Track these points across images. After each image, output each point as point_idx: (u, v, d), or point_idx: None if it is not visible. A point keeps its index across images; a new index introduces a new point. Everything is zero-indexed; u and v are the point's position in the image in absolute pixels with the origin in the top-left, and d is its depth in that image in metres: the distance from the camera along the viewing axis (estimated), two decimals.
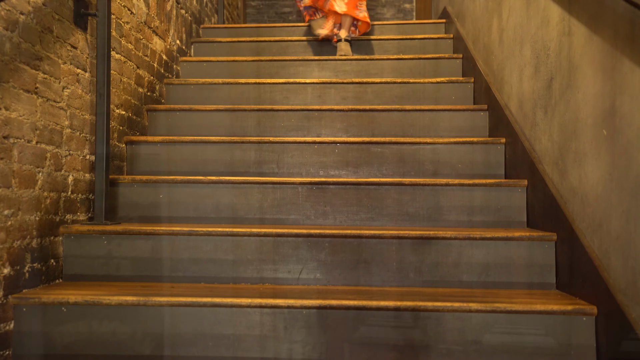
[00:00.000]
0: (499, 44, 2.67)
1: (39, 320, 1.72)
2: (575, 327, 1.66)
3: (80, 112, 2.13)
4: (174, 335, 1.72)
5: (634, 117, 1.46)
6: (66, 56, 2.03)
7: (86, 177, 2.18)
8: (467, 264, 1.98)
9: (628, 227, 1.50)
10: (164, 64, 3.15)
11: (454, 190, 2.28)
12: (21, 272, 1.76)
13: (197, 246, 2.02)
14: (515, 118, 2.43)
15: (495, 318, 1.69)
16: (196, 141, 2.60)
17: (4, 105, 1.66)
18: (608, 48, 1.60)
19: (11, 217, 1.71)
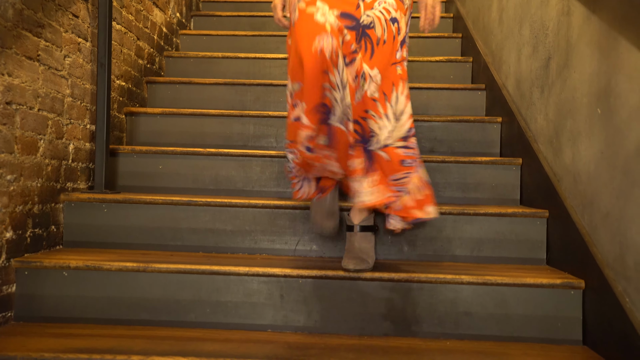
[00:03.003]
0: (499, 24, 2.69)
1: (41, 283, 1.76)
2: (563, 300, 1.71)
3: (81, 81, 2.14)
4: (173, 301, 1.76)
5: (629, 97, 1.49)
6: (68, 24, 2.03)
7: (86, 146, 2.20)
8: (460, 239, 2.02)
9: (618, 204, 1.54)
10: (163, 36, 3.15)
11: (450, 167, 2.32)
12: (23, 236, 1.79)
13: (196, 216, 2.05)
14: (512, 97, 2.46)
15: (486, 290, 1.73)
16: (196, 114, 2.62)
17: (7, 72, 1.68)
18: (605, 28, 1.62)
19: (14, 182, 1.73)
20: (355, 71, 1.65)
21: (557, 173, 1.98)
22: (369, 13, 1.66)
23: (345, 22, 1.63)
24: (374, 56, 1.67)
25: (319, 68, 1.54)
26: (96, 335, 1.63)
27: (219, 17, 3.71)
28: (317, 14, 1.57)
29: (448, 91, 2.82)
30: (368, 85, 1.67)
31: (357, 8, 1.66)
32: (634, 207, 1.45)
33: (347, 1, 1.66)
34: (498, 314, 1.73)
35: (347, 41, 1.62)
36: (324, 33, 1.54)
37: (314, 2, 1.60)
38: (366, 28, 1.66)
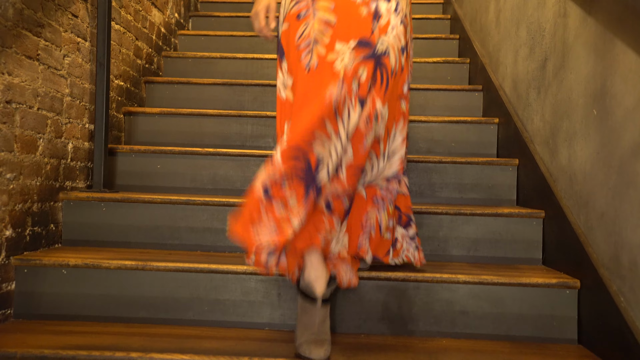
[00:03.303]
0: (496, 25, 2.70)
1: (40, 281, 1.76)
2: (559, 299, 1.72)
3: (80, 81, 2.15)
4: (171, 299, 1.77)
5: (624, 98, 1.51)
6: (67, 24, 2.04)
7: (85, 145, 2.21)
8: (456, 238, 2.04)
9: (613, 204, 1.55)
10: (162, 36, 3.16)
11: (447, 167, 2.33)
12: (22, 234, 1.80)
13: (194, 215, 2.06)
14: (509, 98, 2.48)
15: (482, 290, 1.75)
16: (194, 114, 2.62)
17: (7, 70, 1.69)
18: (601, 29, 1.64)
19: (13, 181, 1.74)
20: (368, 112, 1.49)
21: (553, 173, 1.99)
22: (384, 40, 1.51)
23: (361, 53, 1.48)
24: (389, 90, 1.51)
25: (320, 116, 1.42)
26: (95, 332, 1.64)
27: (217, 17, 3.73)
28: (337, 62, 1.46)
29: (445, 92, 2.84)
30: (379, 127, 1.53)
31: (372, 33, 1.50)
32: (629, 207, 1.47)
33: (362, 23, 1.50)
34: (494, 313, 1.74)
35: (364, 82, 1.47)
36: (336, 80, 1.44)
37: (333, 45, 1.48)
38: (382, 56, 1.50)
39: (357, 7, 1.52)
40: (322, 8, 1.53)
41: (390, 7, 1.54)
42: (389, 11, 1.53)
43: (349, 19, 1.50)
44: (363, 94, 1.47)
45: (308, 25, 1.53)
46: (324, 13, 1.52)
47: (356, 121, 1.46)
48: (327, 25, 1.51)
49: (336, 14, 1.51)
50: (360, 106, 1.46)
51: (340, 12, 1.51)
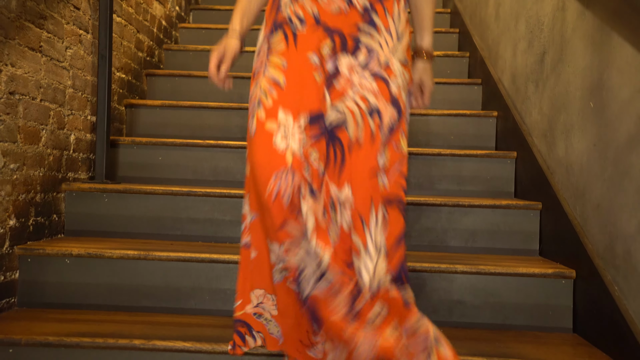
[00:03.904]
0: (495, 19, 2.72)
1: (43, 270, 1.79)
2: (555, 289, 1.75)
3: (82, 73, 2.17)
4: (173, 288, 1.79)
5: (620, 90, 1.53)
6: (69, 16, 2.06)
7: (87, 137, 2.23)
8: (455, 230, 2.06)
9: (608, 195, 1.58)
10: (163, 29, 3.17)
11: (445, 160, 2.35)
12: (26, 224, 1.82)
13: (195, 206, 2.08)
14: (508, 92, 2.50)
15: (480, 280, 1.77)
16: (195, 106, 2.64)
17: (10, 62, 1.70)
18: (598, 23, 1.66)
19: (17, 171, 1.76)
20: (323, 204, 1.24)
21: (550, 166, 2.02)
22: (340, 106, 1.25)
23: (313, 131, 1.24)
24: (346, 169, 1.24)
25: (275, 221, 1.20)
26: (98, 320, 1.66)
27: (218, 10, 3.74)
28: (278, 136, 1.22)
29: (445, 85, 2.86)
30: (340, 217, 1.24)
31: (323, 100, 1.26)
32: (624, 198, 1.49)
33: (314, 91, 1.26)
34: (491, 303, 1.77)
35: (315, 166, 1.24)
36: (282, 168, 1.20)
37: (276, 113, 1.23)
38: (335, 129, 1.25)
39: (311, 71, 1.26)
40: (273, 65, 1.29)
41: (353, 63, 1.28)
42: (351, 68, 1.27)
43: (301, 85, 1.26)
44: (314, 180, 1.24)
45: (257, 84, 1.31)
46: (273, 70, 1.28)
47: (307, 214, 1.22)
48: (274, 86, 1.27)
49: (286, 76, 1.26)
50: (310, 195, 1.22)
51: (292, 73, 1.26)
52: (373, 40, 1.29)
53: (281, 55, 1.29)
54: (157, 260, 1.79)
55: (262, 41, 1.37)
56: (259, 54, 1.36)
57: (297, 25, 1.31)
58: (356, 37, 1.29)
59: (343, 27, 1.29)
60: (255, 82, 1.34)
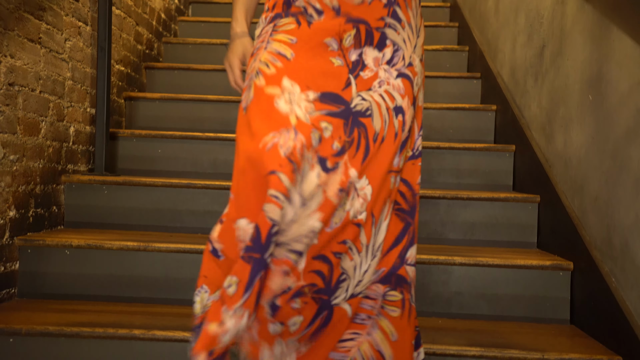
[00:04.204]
0: (495, 13, 2.72)
1: (43, 261, 1.79)
2: (552, 281, 1.76)
3: (82, 65, 2.17)
4: (172, 279, 1.80)
5: (619, 83, 1.53)
6: (68, 8, 2.06)
7: (87, 129, 2.23)
8: (453, 222, 2.07)
9: (606, 187, 1.58)
10: (162, 22, 3.17)
11: (444, 153, 2.36)
12: (26, 216, 1.83)
13: (195, 199, 2.09)
14: (507, 86, 2.50)
15: (478, 271, 1.78)
16: (194, 99, 2.64)
17: (10, 53, 1.70)
18: (598, 16, 1.66)
19: (16, 163, 1.76)
20: (340, 182, 1.12)
21: (549, 159, 2.02)
22: (365, 96, 1.17)
23: (327, 107, 1.14)
24: (368, 158, 1.15)
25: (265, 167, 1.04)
26: (98, 311, 1.67)
27: (217, 4, 3.73)
28: (280, 100, 1.10)
29: (444, 79, 2.86)
30: (351, 203, 1.14)
31: (345, 87, 1.16)
32: (622, 190, 1.50)
33: (332, 74, 1.16)
34: (489, 294, 1.78)
35: (328, 137, 1.12)
36: (283, 129, 1.07)
37: (279, 80, 1.12)
38: (360, 116, 1.15)
39: (329, 53, 1.16)
40: (278, 40, 1.16)
41: (380, 58, 1.19)
42: (377, 62, 1.19)
43: (313, 63, 1.15)
44: (326, 153, 1.11)
45: (256, 59, 1.17)
46: (279, 45, 1.16)
47: (315, 184, 1.09)
48: (278, 57, 1.14)
49: (295, 51, 1.15)
50: (320, 166, 1.10)
51: (302, 50, 1.15)
52: (398, 36, 1.20)
53: (289, 33, 1.16)
54: (156, 252, 1.80)
55: (265, 24, 1.22)
56: (260, 35, 1.22)
57: (313, 15, 1.17)
58: (383, 31, 1.18)
59: (369, 18, 1.17)
60: (253, 59, 1.18)
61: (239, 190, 1.10)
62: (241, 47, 1.28)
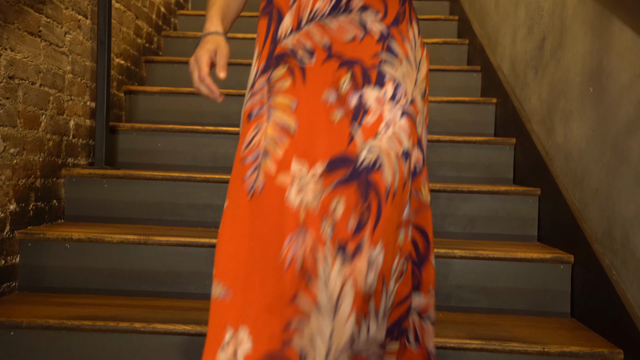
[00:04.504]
0: (495, 5, 2.71)
1: (44, 255, 1.80)
2: (553, 274, 1.76)
3: (82, 59, 2.16)
4: (173, 273, 1.80)
5: (619, 75, 1.53)
6: (68, 1, 2.05)
7: (87, 122, 2.23)
8: (453, 215, 2.07)
9: (607, 180, 1.58)
10: (162, 16, 3.16)
11: (444, 146, 2.36)
12: (26, 209, 1.83)
13: (195, 192, 2.09)
14: (507, 79, 2.49)
15: (478, 265, 1.78)
16: (194, 93, 2.64)
17: (10, 46, 1.70)
18: (599, 8, 1.66)
19: (17, 156, 1.76)
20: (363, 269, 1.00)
21: (549, 152, 2.02)
22: (373, 145, 1.03)
23: (335, 177, 1.03)
24: (382, 222, 1.01)
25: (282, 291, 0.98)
26: (98, 304, 1.67)
27: None
28: (291, 192, 1.01)
29: (444, 72, 2.85)
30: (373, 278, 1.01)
31: (350, 141, 1.04)
32: (622, 182, 1.50)
33: (335, 132, 1.05)
34: (489, 288, 1.78)
35: (341, 216, 1.00)
36: (297, 230, 0.99)
37: (288, 164, 1.03)
38: (370, 172, 1.02)
39: (328, 110, 1.07)
40: (279, 106, 1.08)
41: (382, 96, 1.07)
42: (379, 101, 1.07)
43: (316, 126, 1.06)
44: (344, 236, 0.99)
45: (260, 129, 1.07)
46: (281, 115, 1.07)
47: (340, 282, 0.98)
48: (284, 133, 1.05)
49: (298, 118, 1.06)
50: (342, 257, 0.99)
51: (304, 114, 1.07)
52: (396, 72, 1.10)
53: (288, 93, 1.08)
54: (157, 245, 1.80)
55: (258, 75, 1.13)
56: (255, 90, 1.12)
57: (304, 58, 1.09)
58: (379, 68, 1.09)
59: (362, 56, 1.09)
60: (255, 126, 1.08)
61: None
62: (213, 43, 1.09)
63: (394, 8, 1.13)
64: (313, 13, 1.10)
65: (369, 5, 1.11)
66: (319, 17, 1.10)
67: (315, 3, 1.10)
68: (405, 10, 1.16)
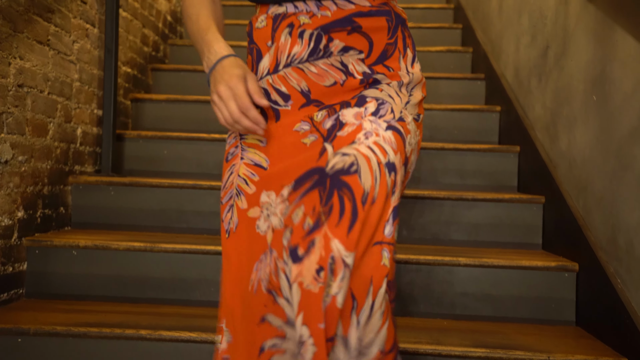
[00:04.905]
0: (499, 13, 2.73)
1: (51, 262, 1.81)
2: (558, 282, 1.76)
3: (89, 67, 2.19)
4: (178, 280, 1.81)
5: (622, 83, 1.53)
6: (76, 10, 2.07)
7: (94, 130, 2.25)
8: (458, 223, 2.08)
9: (611, 187, 1.59)
10: (168, 24, 3.19)
11: (449, 154, 2.36)
12: (34, 216, 1.84)
13: (200, 199, 2.10)
14: (511, 86, 2.50)
15: (482, 272, 1.79)
16: (199, 100, 2.66)
17: (19, 55, 1.72)
18: (601, 16, 1.67)
19: (25, 163, 1.78)
20: (317, 261, 0.88)
21: (553, 159, 2.03)
22: (348, 150, 0.94)
23: (300, 190, 0.97)
24: (357, 224, 0.90)
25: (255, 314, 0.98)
26: (105, 311, 1.68)
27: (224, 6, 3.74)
28: (260, 220, 1.01)
29: (448, 80, 2.86)
30: (338, 286, 0.88)
31: (320, 156, 0.98)
32: (626, 189, 1.50)
33: (304, 154, 1.01)
34: (493, 295, 1.78)
35: (299, 222, 0.93)
36: (263, 254, 0.99)
37: (258, 198, 1.02)
38: (342, 174, 0.92)
39: (300, 137, 1.02)
40: (251, 145, 1.06)
41: (362, 111, 0.99)
42: (359, 116, 0.99)
43: (287, 156, 1.02)
44: (296, 240, 0.91)
45: (233, 170, 1.07)
46: (253, 153, 1.05)
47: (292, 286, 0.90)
48: (255, 169, 1.04)
49: (268, 153, 1.04)
50: (291, 260, 0.91)
51: (274, 148, 1.04)
52: (381, 93, 1.02)
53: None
54: (162, 252, 1.81)
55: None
56: (230, 135, 1.11)
57: (278, 101, 1.05)
58: (361, 94, 1.03)
59: (344, 99, 1.03)
60: (229, 167, 1.08)
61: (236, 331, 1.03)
62: (240, 68, 0.96)
63: (381, 43, 1.04)
64: (291, 57, 1.03)
65: (350, 46, 1.02)
66: (297, 61, 1.03)
67: (292, 47, 1.03)
68: (397, 41, 1.07)
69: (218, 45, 1.01)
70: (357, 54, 1.03)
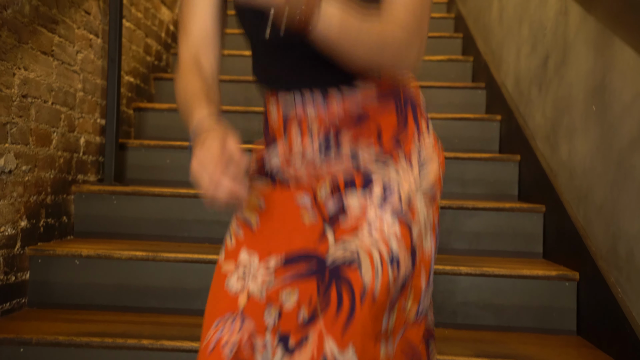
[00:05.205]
0: (499, 23, 2.74)
1: (53, 271, 1.82)
2: (558, 291, 1.76)
3: (92, 77, 2.21)
4: (180, 289, 1.82)
5: (622, 92, 1.55)
6: (80, 21, 2.10)
7: (97, 139, 2.26)
8: (459, 232, 2.08)
9: (611, 196, 1.59)
10: (170, 34, 3.21)
11: (450, 163, 2.37)
12: (37, 226, 1.85)
13: (202, 209, 2.11)
14: (511, 95, 2.52)
15: (484, 281, 1.79)
16: None
17: (23, 65, 1.74)
18: (601, 26, 1.68)
19: (28, 173, 1.79)
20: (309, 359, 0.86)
21: (553, 168, 2.03)
22: (350, 244, 0.92)
23: (293, 271, 0.94)
24: (354, 323, 0.87)
25: None
26: (107, 320, 1.69)
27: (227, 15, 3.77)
28: (232, 278, 0.96)
29: (449, 90, 2.88)
30: None
31: (319, 241, 0.94)
32: (627, 199, 1.51)
33: (301, 232, 0.96)
34: (495, 305, 1.78)
35: (291, 308, 0.91)
36: (228, 314, 0.93)
37: (237, 254, 0.97)
38: (342, 267, 0.90)
39: (297, 211, 0.99)
40: (249, 205, 1.03)
41: (367, 199, 0.95)
42: (363, 205, 0.95)
43: (282, 225, 0.98)
44: (288, 327, 0.89)
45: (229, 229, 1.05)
46: (247, 211, 1.02)
47: None
48: (243, 227, 1.01)
49: (261, 217, 1.00)
50: (282, 348, 0.88)
51: (269, 214, 1.00)
52: (389, 169, 0.98)
53: (260, 194, 1.01)
54: (164, 261, 1.82)
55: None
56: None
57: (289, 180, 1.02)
58: (367, 171, 0.98)
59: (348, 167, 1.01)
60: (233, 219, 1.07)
61: None
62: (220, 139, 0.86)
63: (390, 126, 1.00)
64: (304, 153, 1.00)
65: (361, 148, 0.99)
66: (309, 158, 1.00)
67: (305, 149, 1.00)
68: (408, 127, 1.02)
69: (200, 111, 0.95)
70: (368, 153, 1.00)
